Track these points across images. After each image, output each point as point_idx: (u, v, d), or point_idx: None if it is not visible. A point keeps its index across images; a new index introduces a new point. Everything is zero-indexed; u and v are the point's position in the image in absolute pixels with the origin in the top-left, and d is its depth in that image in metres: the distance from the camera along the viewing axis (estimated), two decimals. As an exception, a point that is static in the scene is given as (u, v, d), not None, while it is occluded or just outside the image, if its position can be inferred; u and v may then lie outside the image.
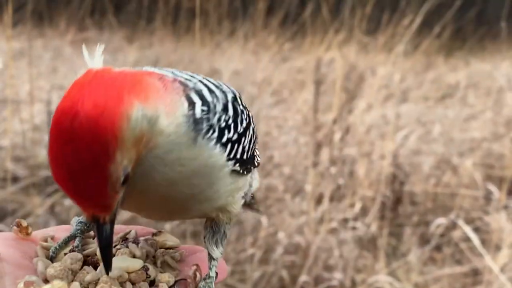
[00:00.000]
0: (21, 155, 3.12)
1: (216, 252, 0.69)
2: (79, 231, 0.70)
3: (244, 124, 0.68)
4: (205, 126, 0.60)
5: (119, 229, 0.74)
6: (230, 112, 0.65)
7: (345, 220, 2.68)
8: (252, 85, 4.19)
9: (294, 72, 4.75)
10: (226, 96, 0.66)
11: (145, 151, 0.55)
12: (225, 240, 0.71)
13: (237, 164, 0.65)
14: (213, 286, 0.67)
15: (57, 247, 0.69)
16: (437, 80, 5.08)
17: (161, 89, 0.57)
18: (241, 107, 0.68)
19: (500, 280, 2.24)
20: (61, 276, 0.61)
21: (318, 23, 4.58)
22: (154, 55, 5.26)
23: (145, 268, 0.64)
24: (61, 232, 0.72)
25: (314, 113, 3.01)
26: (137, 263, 0.64)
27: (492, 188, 2.98)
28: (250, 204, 0.83)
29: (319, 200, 2.70)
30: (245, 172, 0.68)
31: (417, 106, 4.29)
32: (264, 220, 2.50)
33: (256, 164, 0.74)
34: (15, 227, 0.68)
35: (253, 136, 0.71)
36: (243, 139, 0.67)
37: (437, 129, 3.79)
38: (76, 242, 0.69)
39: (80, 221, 0.72)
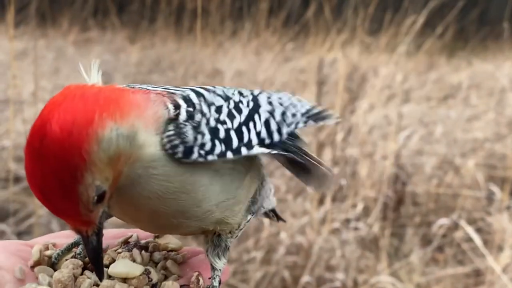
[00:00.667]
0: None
1: (219, 264, 0.67)
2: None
3: (235, 101, 0.63)
4: (191, 136, 0.57)
5: (120, 233, 0.74)
6: (217, 102, 0.61)
7: (347, 221, 2.68)
8: (255, 85, 4.19)
9: (296, 72, 4.75)
10: (206, 94, 0.62)
11: (127, 166, 0.54)
12: (227, 253, 0.68)
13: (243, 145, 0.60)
14: None
15: (60, 253, 0.68)
16: (440, 80, 5.08)
17: (141, 104, 0.56)
18: (237, 97, 0.64)
19: (502, 280, 2.24)
20: (67, 282, 0.62)
21: (320, 23, 4.58)
22: (156, 55, 5.26)
23: (146, 272, 0.64)
24: (63, 238, 0.72)
25: (316, 114, 3.00)
26: (138, 269, 0.64)
27: (495, 188, 2.98)
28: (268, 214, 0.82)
29: (321, 201, 2.70)
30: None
31: (419, 107, 4.29)
32: (266, 220, 2.50)
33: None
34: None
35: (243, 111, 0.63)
36: (241, 118, 0.61)
37: (439, 129, 3.78)
38: (79, 249, 0.69)
39: None
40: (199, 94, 0.62)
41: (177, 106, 0.58)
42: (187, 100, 0.60)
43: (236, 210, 0.65)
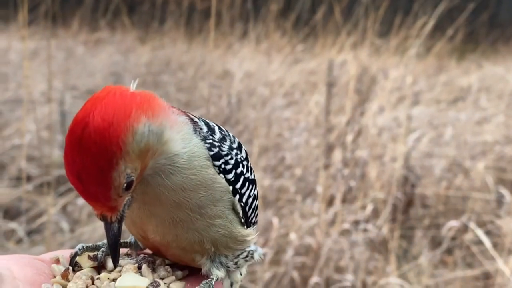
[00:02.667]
0: (35, 154, 3.14)
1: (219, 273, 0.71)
2: None
3: (253, 176, 0.75)
4: (217, 148, 0.67)
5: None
6: (243, 154, 0.73)
7: (356, 222, 2.68)
8: (264, 87, 4.20)
9: (306, 74, 4.76)
10: (240, 143, 0.74)
11: (152, 161, 0.62)
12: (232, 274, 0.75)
13: (240, 203, 0.70)
14: None
15: (85, 247, 0.72)
16: (449, 83, 5.07)
17: (167, 109, 0.64)
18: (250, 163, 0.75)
19: (512, 284, 2.23)
20: None
21: (330, 25, 4.59)
22: (166, 56, 5.28)
23: (155, 284, 0.65)
24: (69, 254, 0.73)
25: (326, 115, 3.01)
26: (144, 281, 0.66)
27: (504, 191, 2.97)
28: None
29: (330, 202, 2.70)
30: (244, 223, 0.72)
31: (429, 109, 4.29)
32: (275, 221, 2.50)
33: (254, 225, 0.77)
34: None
35: (256, 199, 0.76)
36: (250, 186, 0.73)
37: (449, 132, 3.78)
38: (100, 255, 0.71)
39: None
40: (221, 129, 0.72)
41: (209, 127, 0.69)
42: (209, 125, 0.70)
43: (233, 247, 0.72)
